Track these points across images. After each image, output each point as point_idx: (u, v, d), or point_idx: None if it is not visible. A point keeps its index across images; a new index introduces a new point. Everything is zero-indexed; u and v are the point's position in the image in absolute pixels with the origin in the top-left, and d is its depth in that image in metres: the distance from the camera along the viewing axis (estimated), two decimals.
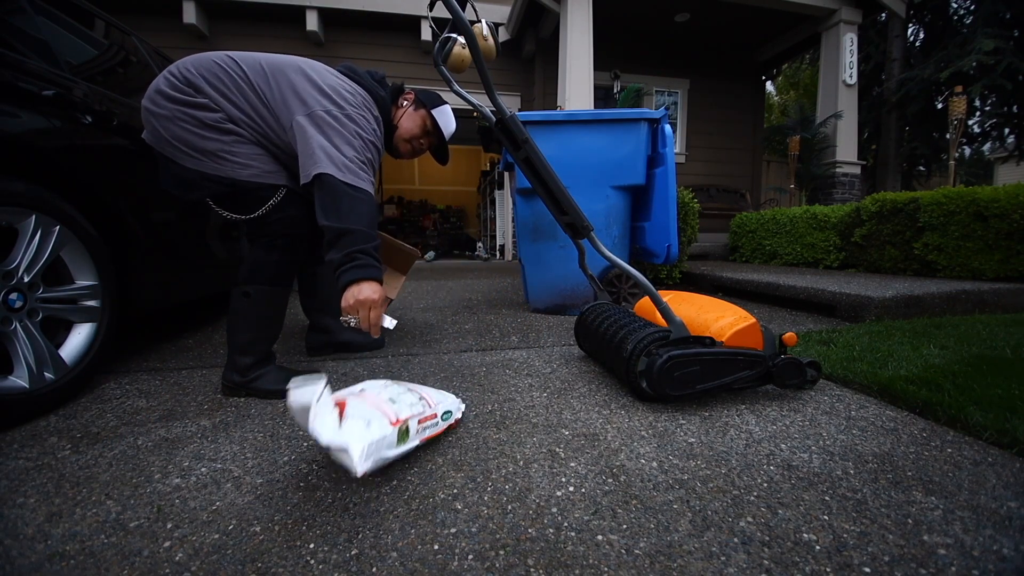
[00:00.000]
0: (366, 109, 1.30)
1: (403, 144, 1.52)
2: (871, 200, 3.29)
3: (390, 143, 1.51)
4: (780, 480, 0.85)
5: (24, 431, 1.09)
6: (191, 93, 1.19)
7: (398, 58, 6.38)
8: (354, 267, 1.07)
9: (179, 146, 1.20)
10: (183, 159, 1.21)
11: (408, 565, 0.65)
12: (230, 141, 1.22)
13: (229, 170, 1.22)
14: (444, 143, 1.59)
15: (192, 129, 1.19)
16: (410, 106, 1.51)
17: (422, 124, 1.52)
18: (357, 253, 1.08)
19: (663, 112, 2.36)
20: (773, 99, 16.14)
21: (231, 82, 1.22)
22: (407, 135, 1.50)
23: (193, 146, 1.20)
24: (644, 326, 1.29)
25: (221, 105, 1.20)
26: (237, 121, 1.22)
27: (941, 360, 1.47)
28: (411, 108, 1.51)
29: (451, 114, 1.56)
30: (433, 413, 0.99)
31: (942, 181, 8.70)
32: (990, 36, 6.87)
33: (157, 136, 1.22)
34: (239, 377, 1.28)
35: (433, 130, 1.54)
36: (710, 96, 7.10)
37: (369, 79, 1.40)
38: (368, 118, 1.28)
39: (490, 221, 8.52)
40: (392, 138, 1.50)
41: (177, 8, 5.56)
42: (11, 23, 1.30)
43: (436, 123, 1.53)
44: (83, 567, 0.65)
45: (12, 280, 1.14)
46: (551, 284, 2.47)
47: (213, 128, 1.20)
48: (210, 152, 1.20)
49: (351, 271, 1.07)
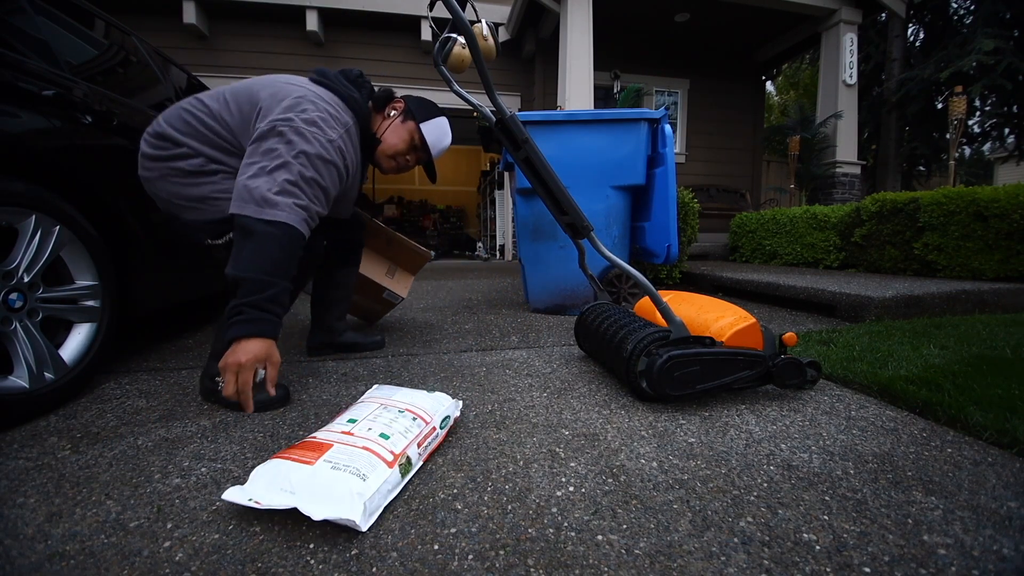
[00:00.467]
0: (326, 124, 1.16)
1: (386, 160, 1.40)
2: (871, 200, 3.29)
3: (370, 156, 1.39)
4: (780, 480, 0.85)
5: (24, 431, 1.09)
6: (168, 147, 1.20)
7: (398, 58, 6.38)
8: (236, 323, 0.93)
9: (177, 202, 1.22)
10: (185, 213, 1.23)
11: (408, 565, 0.65)
12: (218, 180, 1.20)
13: (225, 207, 1.16)
14: (430, 162, 1.47)
15: (180, 181, 1.19)
16: (397, 117, 1.39)
17: (408, 139, 1.39)
18: (244, 306, 0.93)
19: (663, 112, 2.36)
20: (773, 99, 16.14)
21: (199, 123, 1.20)
22: (391, 150, 1.38)
23: (188, 197, 1.20)
24: (644, 326, 1.29)
25: (198, 149, 1.19)
26: (216, 160, 1.20)
27: (941, 360, 1.47)
28: (398, 120, 1.38)
29: (446, 127, 1.43)
30: (432, 427, 0.95)
31: (942, 181, 8.69)
32: (990, 36, 6.87)
33: (158, 198, 1.26)
34: (210, 382, 1.24)
35: (421, 146, 1.40)
36: (710, 96, 7.10)
37: (340, 81, 1.29)
38: (327, 134, 1.14)
39: (490, 221, 8.52)
40: (374, 152, 1.38)
41: (177, 8, 5.56)
42: (11, 23, 1.30)
43: (424, 139, 1.39)
44: (83, 567, 0.65)
45: (12, 280, 1.14)
46: (551, 284, 2.47)
47: (198, 174, 1.19)
48: (204, 198, 1.20)
49: (233, 327, 0.93)
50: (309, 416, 1.16)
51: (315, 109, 1.15)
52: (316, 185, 1.09)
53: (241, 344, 0.92)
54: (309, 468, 0.75)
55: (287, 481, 0.74)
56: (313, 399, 1.28)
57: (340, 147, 1.16)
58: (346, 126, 1.22)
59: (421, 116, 1.38)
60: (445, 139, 1.43)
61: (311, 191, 1.08)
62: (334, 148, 1.14)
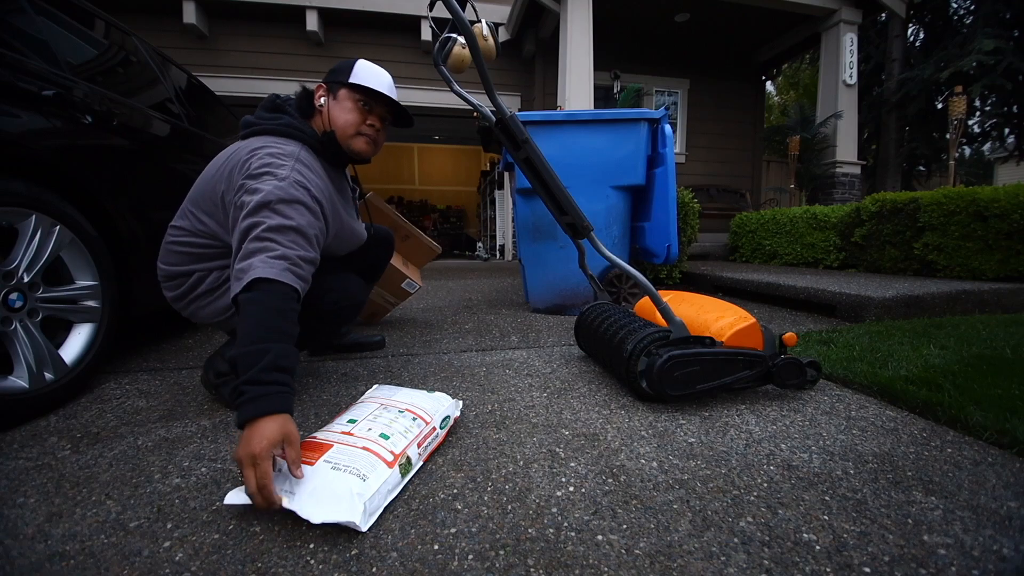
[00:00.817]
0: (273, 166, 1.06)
1: (355, 141, 1.24)
2: (871, 200, 3.29)
3: (340, 152, 1.25)
4: (780, 480, 0.85)
5: (24, 431, 1.09)
6: (182, 282, 1.21)
7: (398, 58, 6.38)
8: (241, 405, 0.78)
9: (220, 319, 1.24)
10: (226, 326, 1.28)
11: (408, 565, 0.65)
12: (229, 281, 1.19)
13: None
14: (396, 105, 1.28)
15: (209, 301, 1.22)
16: (327, 97, 1.25)
17: (353, 104, 1.23)
18: (243, 385, 0.80)
19: (663, 112, 2.36)
20: (773, 99, 16.13)
21: (188, 247, 1.18)
22: (349, 128, 1.23)
23: (221, 309, 1.21)
24: (644, 326, 1.29)
25: (205, 267, 1.19)
26: (223, 266, 1.19)
27: (941, 360, 1.47)
28: (331, 100, 1.25)
29: (370, 65, 1.25)
30: (432, 427, 0.95)
31: (942, 181, 8.69)
32: (990, 36, 6.87)
33: (211, 324, 1.29)
34: (213, 377, 1.25)
35: (368, 98, 1.24)
36: (710, 96, 7.10)
37: (265, 118, 1.21)
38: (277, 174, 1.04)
39: (490, 221, 8.52)
40: (340, 148, 1.24)
41: (177, 8, 5.56)
42: (11, 23, 1.30)
43: (367, 89, 1.22)
44: (83, 567, 0.65)
45: (12, 280, 1.14)
46: (551, 284, 2.47)
47: (217, 287, 1.20)
48: (228, 306, 1.20)
49: (239, 412, 0.78)
50: (309, 416, 1.16)
51: (258, 157, 1.08)
52: (288, 230, 0.98)
53: (252, 429, 0.76)
54: (309, 468, 0.75)
55: (287, 482, 0.74)
56: (313, 399, 1.28)
57: (296, 180, 1.05)
58: (293, 155, 1.12)
59: (343, 77, 1.23)
60: (381, 75, 1.26)
61: (284, 238, 0.97)
62: (290, 184, 1.03)
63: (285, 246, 0.96)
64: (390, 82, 1.28)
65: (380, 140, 1.31)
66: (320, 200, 1.10)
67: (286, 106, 1.25)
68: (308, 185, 1.07)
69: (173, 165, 1.84)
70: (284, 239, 0.97)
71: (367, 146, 1.27)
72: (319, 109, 1.25)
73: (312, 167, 1.15)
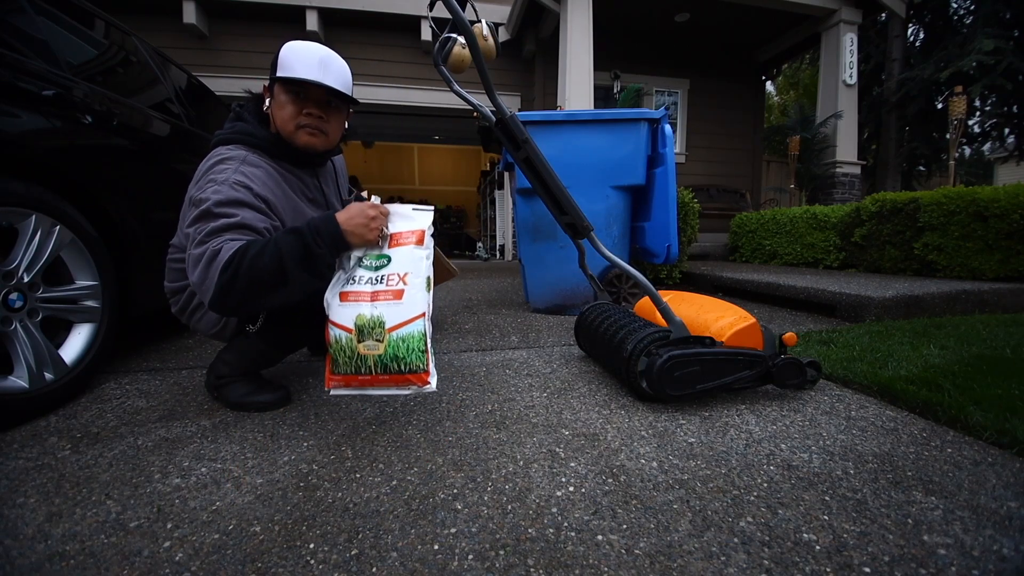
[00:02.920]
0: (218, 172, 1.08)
1: (298, 137, 1.17)
2: (871, 200, 3.29)
3: (295, 150, 1.21)
4: (780, 480, 0.85)
5: (24, 431, 1.09)
6: (178, 298, 1.27)
7: (398, 58, 6.38)
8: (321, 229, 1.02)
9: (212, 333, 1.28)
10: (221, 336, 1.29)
11: (408, 565, 0.65)
12: None
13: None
14: (337, 92, 1.15)
15: (202, 315, 1.25)
16: (266, 95, 1.21)
17: (286, 97, 1.15)
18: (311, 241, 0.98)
19: (663, 112, 2.36)
20: (773, 99, 16.13)
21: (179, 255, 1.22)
22: (289, 125, 1.16)
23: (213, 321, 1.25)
24: (644, 326, 1.29)
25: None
26: None
27: (941, 360, 1.47)
28: (269, 98, 1.20)
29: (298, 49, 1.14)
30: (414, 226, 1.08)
31: (942, 181, 8.69)
32: (990, 36, 6.87)
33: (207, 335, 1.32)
34: (214, 380, 1.25)
35: (300, 87, 1.14)
36: (710, 96, 7.09)
37: (227, 129, 1.20)
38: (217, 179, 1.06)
39: (490, 221, 8.52)
40: (290, 146, 1.19)
41: (177, 8, 5.55)
42: (11, 23, 1.30)
43: (292, 80, 1.11)
44: (83, 567, 0.65)
45: (12, 280, 1.14)
46: (551, 284, 2.47)
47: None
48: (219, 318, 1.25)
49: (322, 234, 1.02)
50: (309, 416, 1.16)
51: (203, 170, 1.11)
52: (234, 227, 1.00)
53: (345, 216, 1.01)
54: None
55: None
56: (313, 399, 1.28)
57: (236, 180, 1.06)
58: (239, 159, 1.12)
59: (273, 71, 1.17)
60: (307, 55, 1.13)
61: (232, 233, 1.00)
62: (229, 187, 1.04)
63: (235, 240, 0.98)
64: (323, 57, 1.14)
65: (328, 128, 1.20)
66: (265, 197, 1.09)
67: (244, 112, 1.23)
68: (250, 184, 1.07)
69: (173, 165, 1.84)
70: (232, 235, 0.99)
71: (311, 137, 1.18)
72: (266, 110, 1.20)
73: (261, 167, 1.13)
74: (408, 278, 1.00)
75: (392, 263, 1.03)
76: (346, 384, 0.99)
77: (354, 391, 1.01)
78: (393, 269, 1.02)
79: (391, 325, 0.95)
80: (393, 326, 0.95)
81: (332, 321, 0.98)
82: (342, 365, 0.97)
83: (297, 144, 1.19)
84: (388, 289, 0.99)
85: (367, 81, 6.16)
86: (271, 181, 1.14)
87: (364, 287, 1.00)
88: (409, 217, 1.11)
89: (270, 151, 1.19)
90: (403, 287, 0.99)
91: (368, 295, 0.99)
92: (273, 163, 1.19)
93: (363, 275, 1.02)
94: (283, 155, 1.21)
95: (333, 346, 0.98)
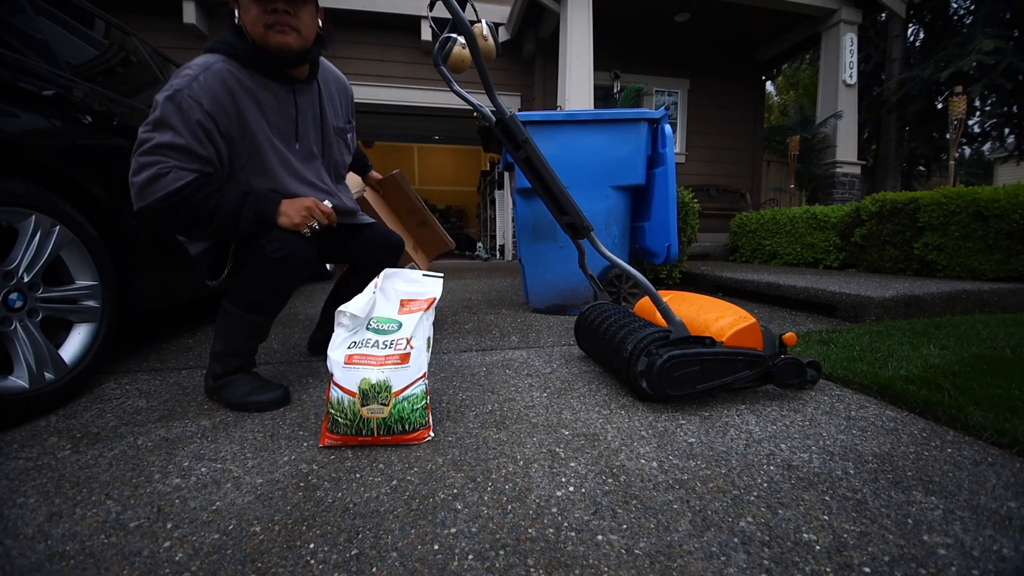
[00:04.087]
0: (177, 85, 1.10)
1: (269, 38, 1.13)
2: (871, 200, 3.29)
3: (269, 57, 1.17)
4: (780, 480, 0.85)
5: (24, 431, 1.09)
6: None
7: (398, 58, 6.38)
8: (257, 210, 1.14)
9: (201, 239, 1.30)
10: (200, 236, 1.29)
11: (408, 565, 0.65)
12: None
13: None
14: None
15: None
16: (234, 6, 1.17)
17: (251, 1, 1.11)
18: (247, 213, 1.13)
19: (663, 112, 2.36)
20: (773, 99, 16.13)
21: None
22: (258, 27, 1.12)
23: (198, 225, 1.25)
24: (644, 326, 1.29)
25: None
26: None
27: (941, 360, 1.47)
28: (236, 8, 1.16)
29: None
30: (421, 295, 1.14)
31: (942, 181, 8.70)
32: (990, 36, 6.87)
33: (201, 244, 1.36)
34: (212, 381, 1.25)
35: None
36: (710, 96, 7.09)
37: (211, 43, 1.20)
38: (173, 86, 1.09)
39: (490, 221, 8.52)
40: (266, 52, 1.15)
41: (177, 8, 5.55)
42: (11, 23, 1.30)
43: None
44: (83, 567, 0.65)
45: (12, 280, 1.14)
46: (551, 284, 2.47)
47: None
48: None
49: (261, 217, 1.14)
50: (309, 416, 1.16)
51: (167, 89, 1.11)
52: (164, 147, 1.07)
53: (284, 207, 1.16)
54: None
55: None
56: (313, 399, 1.28)
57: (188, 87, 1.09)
58: (204, 66, 1.13)
59: None
60: None
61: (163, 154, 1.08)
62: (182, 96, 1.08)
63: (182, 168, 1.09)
64: None
65: (299, 23, 1.15)
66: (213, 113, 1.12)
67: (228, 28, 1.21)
68: (199, 98, 1.10)
69: None
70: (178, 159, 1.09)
71: (282, 36, 1.13)
72: (237, 20, 1.17)
73: (223, 76, 1.14)
74: (414, 341, 1.02)
75: (402, 328, 1.04)
76: (343, 444, 0.99)
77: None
78: (402, 334, 1.02)
79: (397, 389, 0.96)
80: (399, 390, 0.96)
81: (336, 382, 0.97)
82: (343, 426, 0.96)
83: (270, 46, 1.14)
84: (395, 353, 0.99)
85: (367, 81, 6.17)
86: (224, 93, 1.14)
87: (372, 351, 1.00)
88: (420, 282, 1.15)
89: (245, 61, 1.18)
90: (409, 351, 1.00)
91: (376, 359, 0.98)
92: (245, 74, 1.18)
93: (371, 338, 1.02)
94: (259, 66, 1.19)
95: (334, 407, 0.96)
